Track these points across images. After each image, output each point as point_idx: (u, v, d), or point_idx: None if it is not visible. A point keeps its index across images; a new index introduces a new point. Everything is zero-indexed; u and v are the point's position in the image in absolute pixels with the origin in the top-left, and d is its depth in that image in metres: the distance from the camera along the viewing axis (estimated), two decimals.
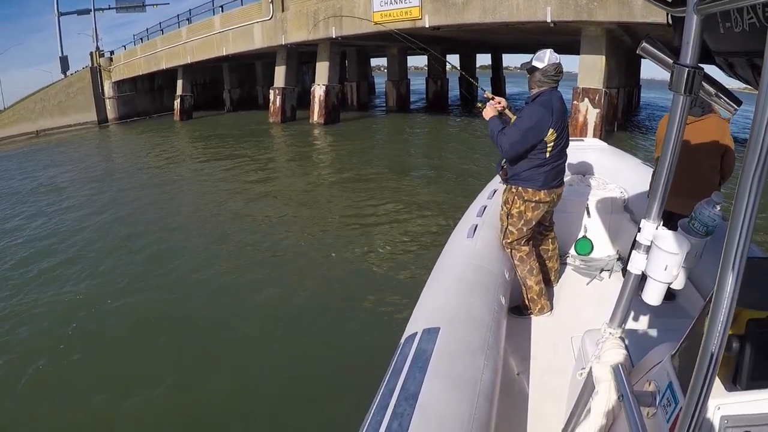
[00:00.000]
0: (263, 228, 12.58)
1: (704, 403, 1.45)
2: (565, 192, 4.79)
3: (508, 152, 4.32)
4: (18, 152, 33.67)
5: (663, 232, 1.92)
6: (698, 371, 1.44)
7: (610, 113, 21.77)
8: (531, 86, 4.41)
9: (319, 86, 31.99)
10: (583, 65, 21.16)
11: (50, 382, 6.57)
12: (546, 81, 4.31)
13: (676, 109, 1.83)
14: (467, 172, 16.60)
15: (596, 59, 20.66)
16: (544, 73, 4.28)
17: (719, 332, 1.41)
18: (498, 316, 3.44)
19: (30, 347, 7.42)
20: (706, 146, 4.45)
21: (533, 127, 4.22)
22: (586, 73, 21.02)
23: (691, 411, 1.46)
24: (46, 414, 6.02)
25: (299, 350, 6.77)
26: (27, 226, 14.37)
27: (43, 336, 7.73)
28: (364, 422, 2.42)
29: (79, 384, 6.45)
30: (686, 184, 3.54)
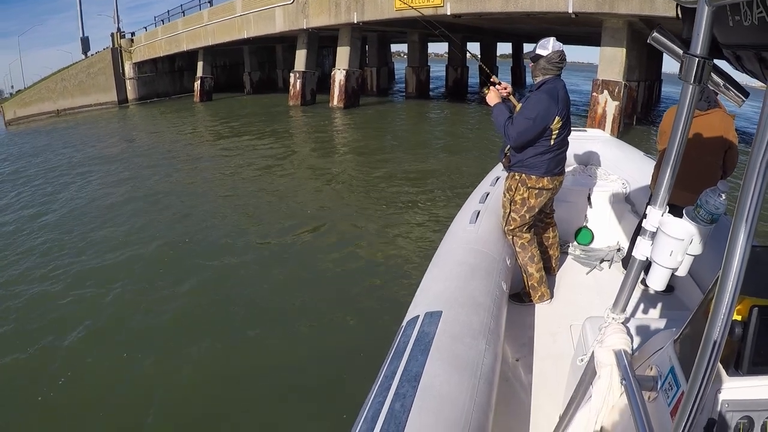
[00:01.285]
0: (278, 206, 12.81)
1: (707, 387, 1.47)
2: (567, 181, 4.81)
3: (516, 140, 4.33)
4: (47, 129, 34.20)
5: (669, 219, 1.94)
6: (701, 356, 1.46)
7: (629, 106, 21.59)
8: (535, 74, 4.40)
9: (339, 71, 31.96)
10: (604, 57, 20.97)
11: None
12: (550, 68, 4.31)
13: (684, 99, 1.84)
14: (483, 161, 16.55)
15: (617, 51, 20.48)
16: (549, 60, 4.28)
17: (723, 317, 1.43)
18: (499, 302, 3.47)
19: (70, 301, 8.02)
20: (710, 140, 4.43)
21: (540, 115, 4.22)
22: (606, 65, 20.84)
23: (693, 395, 1.49)
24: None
25: (304, 332, 6.87)
26: (74, 196, 15.28)
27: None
28: (365, 403, 2.45)
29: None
30: (688, 177, 3.53)
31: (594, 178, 6.05)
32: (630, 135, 19.63)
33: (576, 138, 4.77)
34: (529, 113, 4.27)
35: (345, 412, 3.03)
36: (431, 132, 24.81)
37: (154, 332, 7.10)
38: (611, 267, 5.43)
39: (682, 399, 1.56)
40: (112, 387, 5.96)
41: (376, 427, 2.19)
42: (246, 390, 5.79)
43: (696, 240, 1.94)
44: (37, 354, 6.71)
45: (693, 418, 1.51)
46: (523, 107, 4.38)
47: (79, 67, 45.29)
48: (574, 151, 4.66)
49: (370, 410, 2.34)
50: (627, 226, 5.59)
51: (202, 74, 43.37)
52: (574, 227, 5.89)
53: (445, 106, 34.88)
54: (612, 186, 5.92)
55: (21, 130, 36.25)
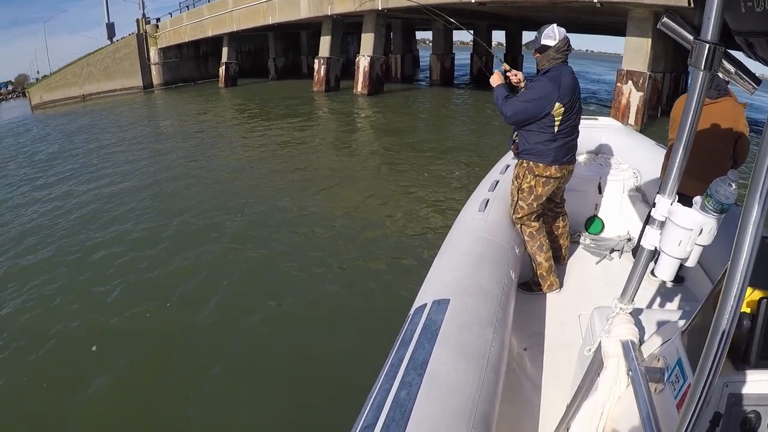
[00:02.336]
0: (298, 190, 13.06)
1: (713, 379, 1.44)
2: (578, 170, 4.75)
3: (510, 118, 4.34)
4: (78, 113, 34.78)
5: (678, 208, 1.91)
6: (709, 348, 1.44)
7: (654, 98, 21.22)
8: (541, 63, 4.32)
9: (363, 57, 31.88)
10: (629, 47, 20.65)
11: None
12: (559, 57, 4.24)
13: (695, 86, 1.81)
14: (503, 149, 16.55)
15: (642, 42, 20.14)
16: (558, 49, 4.21)
17: (731, 309, 1.40)
18: (507, 291, 3.45)
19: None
20: (720, 129, 4.34)
21: (536, 98, 4.19)
22: (631, 56, 20.52)
23: (700, 387, 1.46)
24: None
25: (310, 317, 6.95)
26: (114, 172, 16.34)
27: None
28: (372, 390, 2.44)
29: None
30: (698, 166, 3.46)
31: (605, 168, 5.98)
32: (654, 126, 19.42)
33: (587, 127, 4.72)
34: (526, 96, 4.27)
35: (351, 399, 3.01)
36: (454, 120, 24.76)
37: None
38: (621, 257, 5.38)
39: (689, 391, 1.54)
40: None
41: (381, 415, 2.18)
42: (247, 373, 5.90)
43: (705, 230, 1.90)
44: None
45: (699, 411, 1.49)
46: (525, 90, 4.37)
47: (104, 53, 45.75)
48: (584, 139, 4.60)
49: (377, 398, 2.33)
50: (638, 216, 5.53)
51: (227, 60, 43.57)
52: (584, 216, 5.84)
53: (469, 94, 34.69)
54: (623, 175, 5.85)
55: (49, 114, 36.69)
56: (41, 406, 5.68)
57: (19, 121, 35.70)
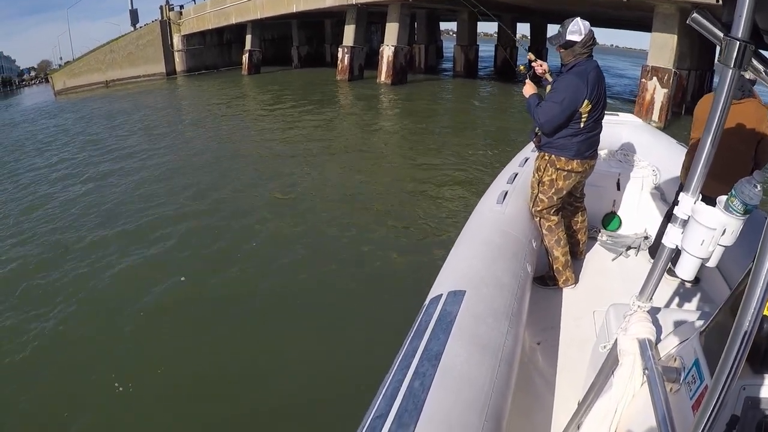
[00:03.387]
0: (319, 177, 13.22)
1: (732, 382, 1.42)
2: (597, 166, 4.68)
3: (544, 126, 4.24)
4: (104, 98, 35.21)
5: (702, 207, 1.88)
6: (728, 350, 1.41)
7: (678, 95, 20.97)
8: (566, 58, 4.21)
9: (388, 47, 31.81)
10: (654, 43, 20.41)
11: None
12: (585, 52, 4.14)
13: (723, 84, 1.78)
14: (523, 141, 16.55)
15: (668, 38, 19.90)
16: (584, 44, 4.10)
17: (753, 312, 1.38)
18: (523, 284, 3.41)
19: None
20: (743, 130, 4.25)
21: (568, 98, 4.10)
22: (657, 52, 20.28)
23: (719, 389, 1.44)
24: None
25: (325, 305, 6.98)
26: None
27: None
28: (385, 380, 2.44)
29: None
30: (718, 167, 3.41)
31: (624, 164, 5.90)
32: (678, 124, 19.27)
33: (608, 122, 4.65)
34: (556, 97, 4.16)
35: (364, 388, 3.01)
36: (477, 111, 24.70)
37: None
38: (638, 255, 5.33)
39: (706, 393, 1.51)
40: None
41: (394, 405, 2.18)
42: (260, 359, 5.97)
43: (728, 230, 1.87)
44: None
45: (716, 413, 1.47)
46: (552, 91, 4.26)
47: (128, 39, 46.01)
48: (605, 135, 4.53)
49: (389, 387, 2.32)
50: (656, 214, 5.47)
51: (251, 47, 43.76)
52: (601, 212, 5.79)
53: (493, 86, 34.58)
54: (642, 172, 5.78)
55: (74, 99, 36.98)
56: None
57: (45, 106, 36.07)
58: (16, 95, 55.61)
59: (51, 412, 5.43)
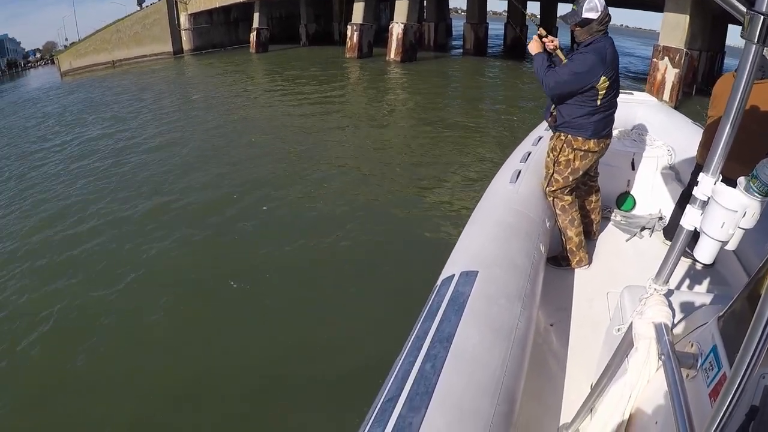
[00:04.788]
0: (328, 155, 13.23)
1: (753, 370, 1.36)
2: (611, 145, 4.59)
3: (553, 89, 4.16)
4: (114, 78, 35.62)
5: (723, 188, 1.82)
6: (750, 337, 1.35)
7: (689, 75, 20.87)
8: (582, 37, 4.11)
9: (397, 24, 31.74)
10: (666, 23, 20.32)
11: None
12: (601, 29, 4.05)
13: (746, 60, 1.72)
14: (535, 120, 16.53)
15: (680, 18, 19.78)
16: (600, 21, 4.01)
17: None
18: (537, 264, 3.37)
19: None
20: (760, 111, 4.18)
21: (585, 71, 4.01)
22: (669, 32, 20.21)
23: (739, 377, 1.37)
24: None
25: (336, 285, 6.98)
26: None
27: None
28: (396, 362, 2.40)
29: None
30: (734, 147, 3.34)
31: (639, 143, 5.81)
32: (689, 104, 19.23)
33: (622, 101, 4.56)
34: (574, 67, 4.06)
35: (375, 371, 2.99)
36: (488, 89, 24.70)
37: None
38: (652, 236, 5.24)
39: (725, 381, 1.46)
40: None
41: (405, 387, 2.15)
42: (277, 343, 6.00)
43: (749, 213, 1.81)
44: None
45: (736, 401, 1.41)
46: (569, 62, 4.15)
47: (134, 18, 45.98)
48: (619, 114, 4.44)
49: (401, 370, 2.29)
50: (670, 195, 5.38)
51: (258, 25, 43.63)
52: (615, 192, 5.70)
53: (502, 65, 34.40)
54: (657, 152, 5.69)
55: (80, 80, 37.00)
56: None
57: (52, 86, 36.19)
58: (22, 77, 55.80)
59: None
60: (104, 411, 5.31)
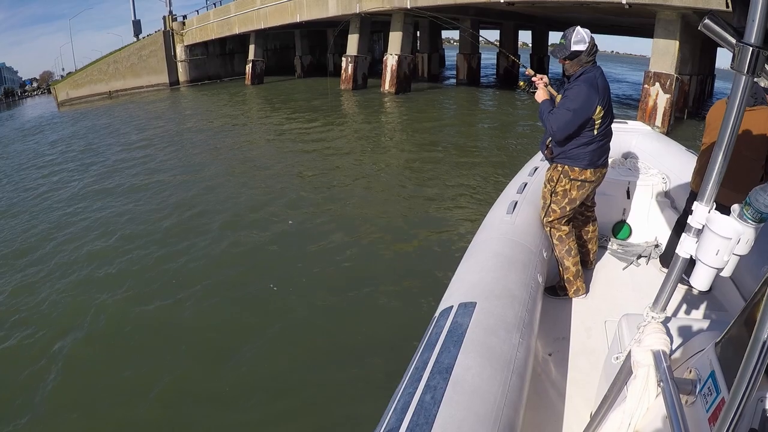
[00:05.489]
0: (326, 187, 13.26)
1: (751, 394, 1.38)
2: (607, 174, 4.66)
3: (557, 134, 4.19)
4: (112, 108, 35.55)
5: (716, 216, 1.86)
6: (747, 361, 1.37)
7: (681, 100, 21.01)
8: (572, 69, 4.18)
9: (391, 56, 31.89)
10: (656, 49, 20.43)
11: None
12: (590, 59, 4.13)
13: (737, 90, 1.76)
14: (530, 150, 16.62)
15: (669, 44, 19.94)
16: (588, 53, 4.09)
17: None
18: (534, 295, 3.37)
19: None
20: (753, 138, 4.17)
21: (582, 106, 4.06)
22: (659, 58, 20.31)
23: (737, 401, 1.40)
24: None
25: (333, 318, 6.97)
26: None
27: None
28: (395, 394, 2.41)
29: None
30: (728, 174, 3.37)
31: (633, 172, 5.88)
32: (681, 129, 19.43)
33: (616, 130, 4.61)
34: (570, 104, 4.11)
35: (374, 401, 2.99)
36: (482, 119, 24.71)
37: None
38: (648, 263, 5.28)
39: (723, 405, 1.48)
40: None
41: (405, 419, 2.15)
42: (267, 368, 6.00)
43: (743, 239, 1.84)
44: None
45: (734, 425, 1.43)
46: (564, 99, 4.21)
47: (131, 50, 46.24)
48: (613, 143, 4.49)
49: (400, 401, 2.30)
50: (666, 222, 5.43)
51: (254, 57, 43.85)
52: (611, 221, 5.75)
53: (496, 94, 34.55)
54: (652, 180, 5.75)
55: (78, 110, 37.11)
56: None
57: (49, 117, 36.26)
58: (19, 106, 55.80)
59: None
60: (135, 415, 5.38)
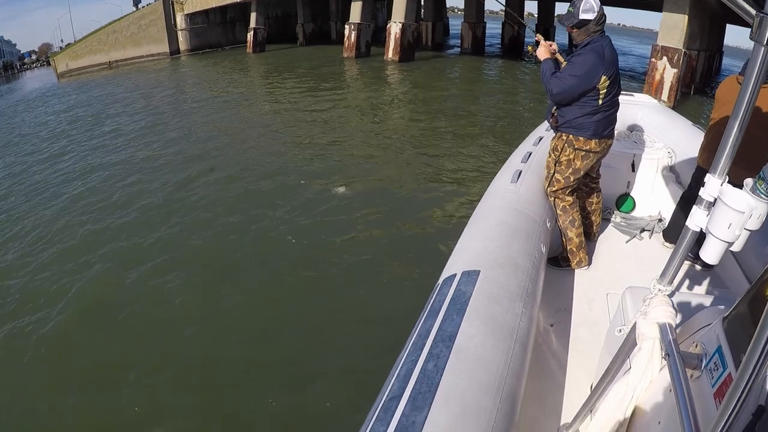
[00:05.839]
0: (326, 155, 13.31)
1: (760, 371, 1.35)
2: (612, 146, 4.62)
3: (556, 96, 4.16)
4: (112, 79, 35.36)
5: (730, 189, 1.83)
6: (758, 337, 1.33)
7: (688, 75, 20.95)
8: (580, 38, 4.13)
9: (395, 23, 31.68)
10: (665, 23, 20.34)
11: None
12: (598, 29, 4.07)
13: (755, 62, 1.72)
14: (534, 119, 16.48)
15: (679, 18, 19.81)
16: (597, 21, 4.04)
17: None
18: (537, 264, 3.36)
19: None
20: (763, 115, 4.16)
21: (586, 73, 4.02)
22: (667, 32, 20.22)
23: (745, 378, 1.37)
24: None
25: (337, 284, 7.00)
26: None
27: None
28: (398, 361, 2.40)
29: None
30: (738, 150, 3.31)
31: (639, 145, 5.82)
32: (687, 104, 19.40)
33: (623, 103, 4.55)
34: (574, 70, 4.07)
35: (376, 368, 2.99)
36: (486, 88, 24.64)
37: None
38: (651, 237, 5.25)
39: (730, 381, 1.45)
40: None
41: (408, 387, 2.14)
42: (274, 341, 6.03)
43: (755, 214, 1.81)
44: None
45: (743, 402, 1.41)
46: (569, 65, 4.16)
47: (130, 19, 45.91)
48: (619, 115, 4.44)
49: (403, 368, 2.29)
50: (670, 197, 5.39)
51: (255, 25, 43.57)
52: (615, 193, 5.72)
53: (501, 64, 34.34)
54: (657, 154, 5.69)
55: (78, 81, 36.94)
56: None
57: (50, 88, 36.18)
58: (18, 79, 55.53)
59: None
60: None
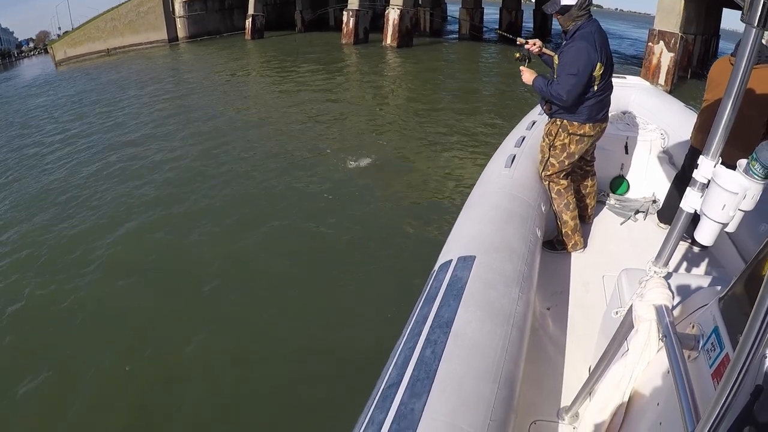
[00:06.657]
0: (323, 139, 13.51)
1: (758, 350, 1.35)
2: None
3: (567, 101, 4.11)
4: (110, 66, 35.31)
5: (723, 170, 1.83)
6: (754, 317, 1.34)
7: (685, 59, 20.98)
8: (565, 24, 4.12)
9: (393, 9, 31.63)
10: (661, 7, 20.33)
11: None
12: (582, 14, 4.05)
13: (746, 44, 1.73)
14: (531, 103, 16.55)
15: (675, 2, 19.83)
16: (580, 6, 4.00)
17: None
18: (533, 248, 3.37)
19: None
20: (757, 96, 4.13)
21: (585, 67, 3.99)
22: (664, 16, 20.24)
23: (743, 358, 1.37)
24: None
25: (332, 271, 7.03)
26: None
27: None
28: (395, 348, 2.42)
29: None
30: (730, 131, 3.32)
31: (632, 127, 5.85)
32: (684, 88, 19.41)
33: (615, 85, 4.56)
34: (570, 68, 4.04)
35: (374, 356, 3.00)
36: (484, 74, 24.69)
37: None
38: (646, 219, 5.29)
39: (728, 362, 1.46)
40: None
41: (406, 374, 2.15)
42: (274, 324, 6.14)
43: (749, 195, 1.82)
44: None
45: (741, 381, 1.41)
46: (563, 63, 4.12)
47: (129, 6, 45.55)
48: (612, 98, 4.47)
49: (401, 356, 2.30)
50: (664, 178, 5.41)
51: (254, 12, 43.29)
52: (609, 176, 5.75)
53: (498, 49, 34.17)
54: (650, 136, 5.74)
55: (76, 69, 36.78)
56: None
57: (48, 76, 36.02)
58: (16, 67, 55.23)
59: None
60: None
